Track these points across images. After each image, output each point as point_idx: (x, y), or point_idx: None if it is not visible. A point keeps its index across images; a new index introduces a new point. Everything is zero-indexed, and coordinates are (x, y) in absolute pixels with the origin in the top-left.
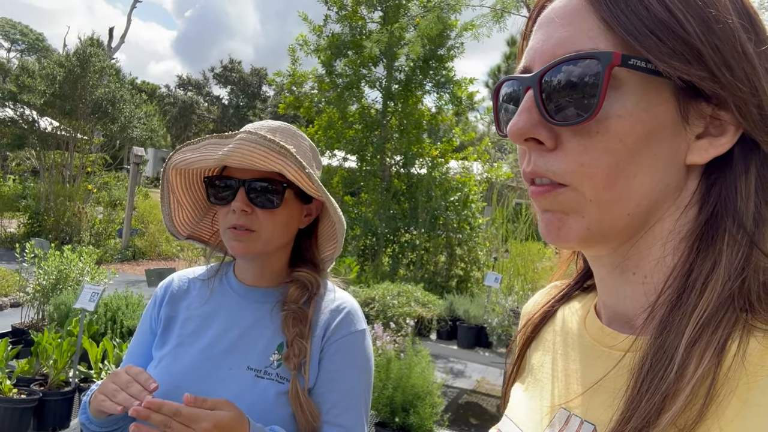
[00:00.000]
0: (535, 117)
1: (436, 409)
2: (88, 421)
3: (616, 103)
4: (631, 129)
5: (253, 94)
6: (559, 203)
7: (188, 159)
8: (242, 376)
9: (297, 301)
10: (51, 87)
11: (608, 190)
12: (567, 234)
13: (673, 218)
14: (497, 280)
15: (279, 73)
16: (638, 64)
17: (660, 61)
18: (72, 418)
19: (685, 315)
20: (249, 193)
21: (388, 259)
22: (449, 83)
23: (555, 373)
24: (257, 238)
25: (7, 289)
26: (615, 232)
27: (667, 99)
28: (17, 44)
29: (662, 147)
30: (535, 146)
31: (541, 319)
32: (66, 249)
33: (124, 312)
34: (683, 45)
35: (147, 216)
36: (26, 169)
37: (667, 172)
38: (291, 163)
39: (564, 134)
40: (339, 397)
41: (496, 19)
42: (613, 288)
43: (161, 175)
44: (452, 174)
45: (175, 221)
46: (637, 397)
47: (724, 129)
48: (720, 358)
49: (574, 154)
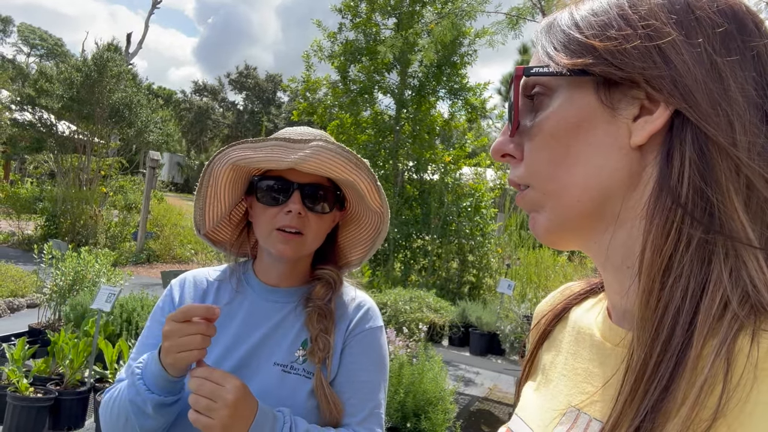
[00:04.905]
0: (507, 135)
1: (448, 415)
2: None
3: (548, 107)
4: (557, 124)
5: (267, 100)
6: (527, 202)
7: (251, 157)
8: (269, 372)
9: (322, 298)
10: (69, 91)
11: (552, 182)
12: (539, 229)
13: (640, 205)
14: (510, 287)
15: (293, 79)
16: (539, 71)
17: (555, 63)
18: (87, 418)
19: (659, 305)
20: (303, 197)
21: (400, 265)
22: (463, 90)
23: (565, 371)
24: (304, 241)
25: (25, 290)
26: (576, 221)
27: (588, 93)
28: (36, 49)
29: (596, 135)
30: (511, 160)
31: (553, 318)
32: (83, 250)
33: (139, 313)
34: (580, 44)
35: (161, 219)
36: (44, 172)
37: (609, 158)
38: (365, 175)
39: (525, 144)
40: (358, 388)
41: (511, 26)
42: (616, 285)
43: (205, 167)
44: (465, 180)
45: (207, 215)
46: (632, 394)
47: (657, 106)
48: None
49: (527, 158)
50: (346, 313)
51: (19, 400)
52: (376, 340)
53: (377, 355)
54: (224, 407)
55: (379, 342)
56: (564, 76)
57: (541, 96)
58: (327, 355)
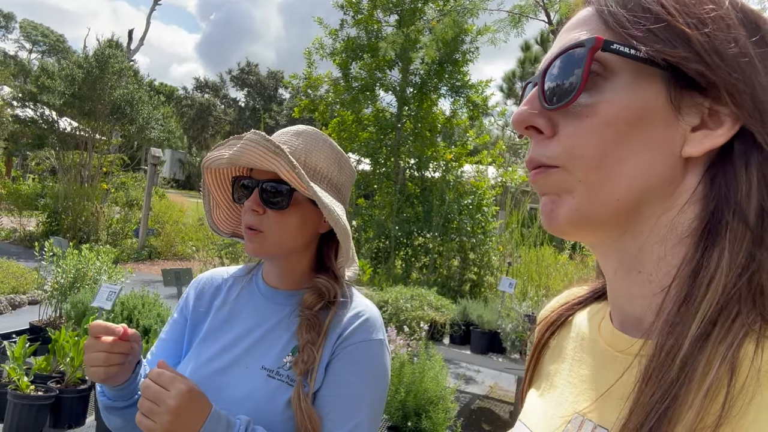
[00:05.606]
0: (535, 106)
1: (449, 414)
2: (104, 397)
3: (607, 90)
4: (619, 113)
5: (269, 96)
6: (551, 184)
7: (211, 158)
8: (256, 375)
9: (312, 308)
10: (70, 88)
11: (596, 172)
12: (558, 215)
13: (671, 214)
14: (512, 286)
15: (294, 76)
16: (621, 49)
17: (644, 44)
18: (87, 415)
19: (690, 317)
20: (262, 194)
21: (401, 263)
22: (465, 87)
23: (570, 378)
24: (264, 239)
25: (26, 287)
26: (604, 218)
27: (657, 87)
28: (38, 45)
29: (653, 135)
30: (536, 135)
31: (556, 324)
32: (84, 248)
33: (140, 311)
34: (671, 32)
35: (163, 216)
36: (45, 169)
37: (658, 162)
38: (284, 162)
39: (560, 122)
40: (340, 402)
41: (514, 24)
42: (622, 289)
43: (201, 174)
44: (466, 178)
45: (215, 218)
46: (643, 401)
47: (720, 121)
48: (730, 354)
49: (566, 138)
50: (340, 324)
51: (19, 398)
52: (370, 354)
53: (368, 370)
54: (166, 412)
55: (372, 355)
56: (646, 62)
57: (596, 76)
58: (310, 368)
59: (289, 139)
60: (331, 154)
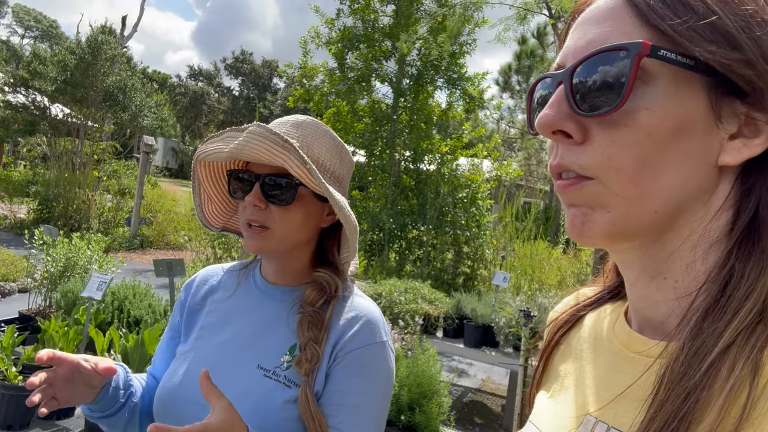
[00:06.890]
0: (564, 109)
1: (442, 408)
2: (83, 406)
3: (646, 97)
4: (660, 123)
5: (263, 86)
6: (584, 196)
7: (207, 151)
8: (251, 374)
9: (313, 304)
10: (62, 74)
11: (635, 185)
12: (591, 228)
13: (704, 221)
14: (506, 280)
15: (290, 65)
16: (668, 56)
17: (696, 46)
18: (76, 407)
19: (722, 321)
20: (264, 188)
21: (395, 255)
22: (461, 80)
23: (582, 379)
24: (271, 236)
25: (16, 275)
26: (640, 230)
27: (699, 95)
28: (31, 30)
29: (693, 144)
30: (563, 139)
31: (567, 325)
32: (75, 236)
33: (131, 302)
34: (719, 34)
35: (155, 205)
36: (37, 156)
37: (697, 171)
38: (294, 157)
39: (592, 127)
40: (347, 413)
41: (520, 20)
42: (644, 293)
43: (192, 167)
44: (461, 171)
45: (206, 212)
46: (664, 402)
47: (758, 130)
48: (753, 355)
49: (602, 147)
50: (338, 325)
51: (7, 389)
52: (373, 359)
53: (373, 376)
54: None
55: (376, 361)
56: (692, 69)
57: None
58: (315, 367)
59: (288, 130)
60: (332, 145)
